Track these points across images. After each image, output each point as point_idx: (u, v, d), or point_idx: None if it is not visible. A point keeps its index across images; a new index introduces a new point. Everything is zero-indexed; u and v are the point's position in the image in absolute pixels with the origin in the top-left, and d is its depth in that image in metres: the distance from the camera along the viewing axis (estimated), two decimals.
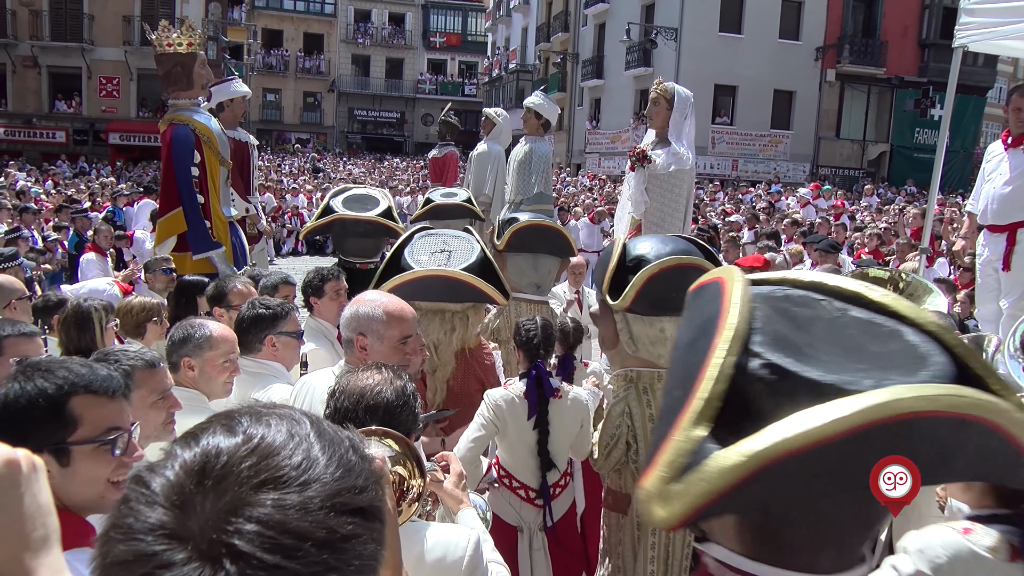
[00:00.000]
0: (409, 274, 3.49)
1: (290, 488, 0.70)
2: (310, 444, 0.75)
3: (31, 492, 0.71)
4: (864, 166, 31.89)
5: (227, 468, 0.70)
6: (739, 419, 0.95)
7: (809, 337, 1.06)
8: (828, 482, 1.05)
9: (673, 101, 9.03)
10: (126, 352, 2.37)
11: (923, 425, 1.01)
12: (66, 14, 31.15)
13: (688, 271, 2.91)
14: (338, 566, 0.69)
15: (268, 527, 0.67)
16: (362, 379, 1.95)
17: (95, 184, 18.73)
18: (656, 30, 29.41)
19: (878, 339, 1.09)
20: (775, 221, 13.83)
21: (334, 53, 50.40)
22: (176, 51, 6.83)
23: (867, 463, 1.08)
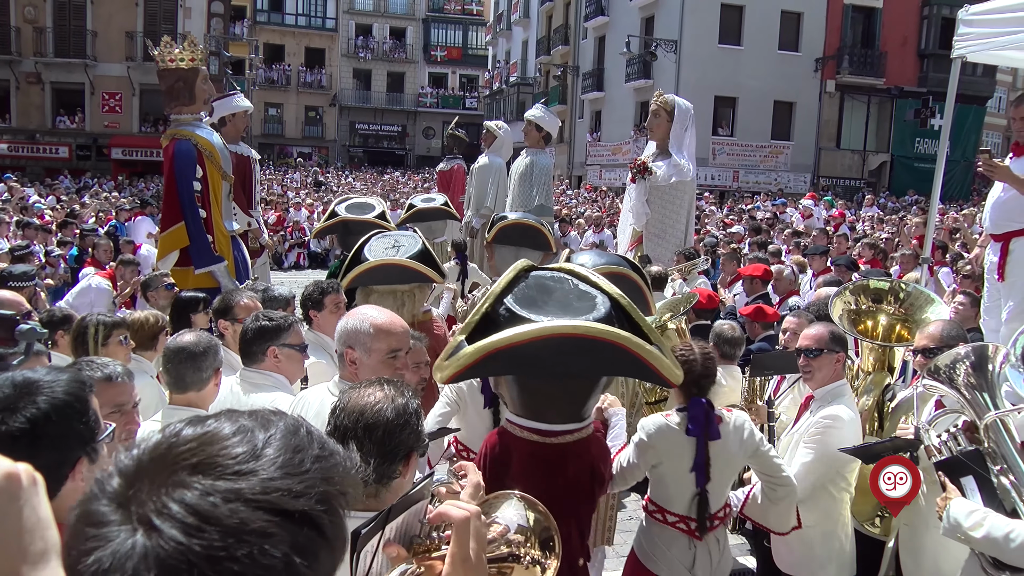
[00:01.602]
0: (366, 264, 4.38)
1: (222, 475, 0.75)
2: (264, 442, 0.79)
3: (31, 505, 0.71)
4: (865, 176, 31.91)
5: (173, 450, 0.78)
6: (489, 333, 2.33)
7: (546, 297, 2.49)
8: (528, 368, 2.39)
9: (673, 113, 9.06)
10: (91, 363, 2.38)
11: (570, 341, 2.27)
12: (69, 30, 31.31)
13: (616, 277, 3.51)
14: (237, 557, 0.71)
15: (184, 507, 0.72)
16: (363, 396, 1.93)
17: (99, 199, 18.77)
18: (656, 42, 29.52)
19: (582, 299, 2.51)
20: (776, 232, 13.82)
21: (335, 67, 50.61)
22: (178, 66, 6.86)
23: (546, 360, 2.41)
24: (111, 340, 3.89)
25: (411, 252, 4.54)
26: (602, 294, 2.66)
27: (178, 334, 2.99)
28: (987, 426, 2.98)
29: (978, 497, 2.89)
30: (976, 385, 3.10)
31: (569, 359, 2.48)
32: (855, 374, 4.36)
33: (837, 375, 3.65)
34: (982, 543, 2.77)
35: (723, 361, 4.72)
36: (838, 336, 3.65)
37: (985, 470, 2.91)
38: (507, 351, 2.41)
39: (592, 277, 2.77)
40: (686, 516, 3.19)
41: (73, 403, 1.62)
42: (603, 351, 2.46)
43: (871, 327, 4.35)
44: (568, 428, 2.71)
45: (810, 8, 29.94)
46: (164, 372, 2.93)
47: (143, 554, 0.70)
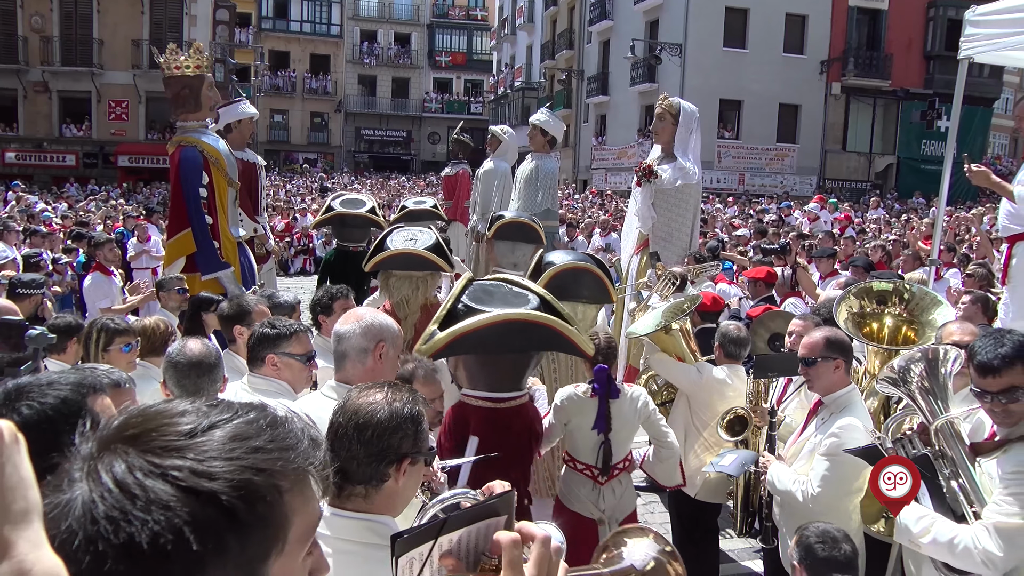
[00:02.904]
0: (388, 251, 5.19)
1: (153, 449, 0.81)
2: (210, 425, 0.84)
3: (12, 463, 0.71)
4: (871, 178, 31.84)
5: (126, 422, 0.85)
6: (452, 323, 3.38)
7: (489, 297, 3.59)
8: (485, 347, 3.41)
9: (679, 116, 9.05)
10: (95, 370, 2.38)
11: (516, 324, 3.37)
12: (76, 39, 31.49)
13: (581, 272, 4.78)
14: (131, 519, 0.76)
15: (110, 472, 0.79)
16: (364, 396, 1.96)
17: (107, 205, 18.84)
18: (660, 46, 29.54)
19: (518, 297, 3.64)
20: (783, 235, 13.79)
21: (341, 73, 50.77)
22: (184, 74, 6.89)
23: (499, 342, 3.42)
24: (112, 347, 3.90)
25: (427, 244, 5.33)
26: (532, 293, 3.73)
27: (180, 344, 2.97)
28: (937, 430, 2.98)
29: (929, 502, 2.90)
30: (928, 388, 3.10)
31: (514, 338, 3.49)
32: (861, 377, 4.35)
33: (841, 381, 3.59)
34: (930, 549, 2.80)
35: (728, 361, 4.71)
36: (834, 342, 3.58)
37: (934, 475, 2.91)
38: (471, 334, 3.39)
39: (522, 282, 3.93)
40: (591, 465, 3.97)
41: (60, 407, 1.61)
42: (537, 331, 3.52)
43: (876, 330, 4.34)
44: (512, 395, 3.64)
45: (815, 11, 29.91)
46: (176, 386, 2.88)
47: (67, 504, 0.77)
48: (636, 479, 6.69)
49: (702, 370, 4.68)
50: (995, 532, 2.64)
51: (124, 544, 0.75)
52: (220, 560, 0.78)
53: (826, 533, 2.76)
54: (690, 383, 4.71)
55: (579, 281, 4.82)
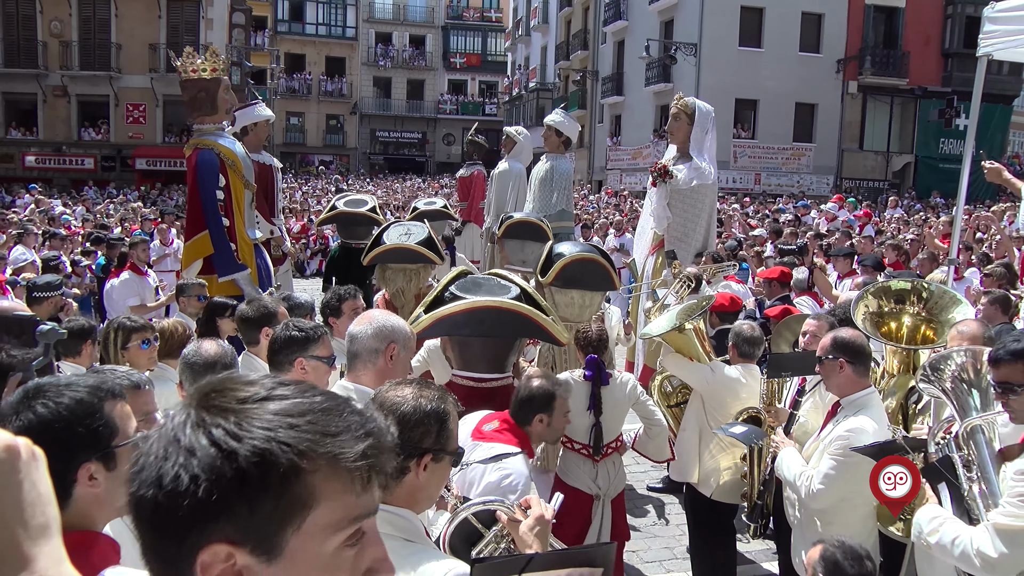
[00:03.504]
0: (384, 246, 5.69)
1: (216, 407, 0.90)
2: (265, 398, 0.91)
3: (31, 479, 0.72)
4: (889, 178, 31.59)
5: (210, 383, 0.95)
6: (437, 307, 3.93)
7: (477, 287, 4.11)
8: (462, 329, 3.93)
9: (694, 116, 9.01)
10: (115, 371, 2.40)
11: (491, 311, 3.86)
12: (94, 44, 31.79)
13: (588, 263, 5.12)
14: (167, 455, 0.86)
15: (180, 420, 0.89)
16: (394, 391, 2.01)
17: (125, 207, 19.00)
18: (675, 46, 29.45)
19: (502, 288, 4.13)
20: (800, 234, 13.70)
21: (356, 76, 50.95)
22: (200, 77, 6.93)
23: (479, 325, 3.89)
24: (131, 344, 3.92)
25: (419, 239, 5.82)
26: (515, 285, 4.24)
27: (195, 345, 2.97)
28: (967, 432, 2.94)
29: (949, 504, 2.87)
30: (965, 390, 3.06)
31: (488, 323, 3.95)
32: (879, 376, 4.31)
33: (854, 383, 3.56)
34: (935, 549, 2.79)
35: (743, 360, 4.68)
36: (840, 342, 3.55)
37: (956, 477, 2.89)
38: (449, 318, 3.93)
39: (510, 276, 4.47)
40: (586, 444, 4.23)
41: (75, 408, 1.64)
42: (511, 317, 3.98)
43: (895, 329, 4.30)
44: (493, 376, 4.07)
45: (831, 9, 29.72)
46: (191, 386, 2.90)
47: (148, 438, 0.89)
48: (653, 480, 6.68)
49: (716, 369, 4.67)
50: (995, 533, 2.60)
51: (157, 477, 0.84)
52: (226, 515, 0.83)
53: (852, 551, 2.72)
54: (704, 383, 4.69)
55: (586, 270, 5.18)
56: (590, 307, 5.25)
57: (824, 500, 3.51)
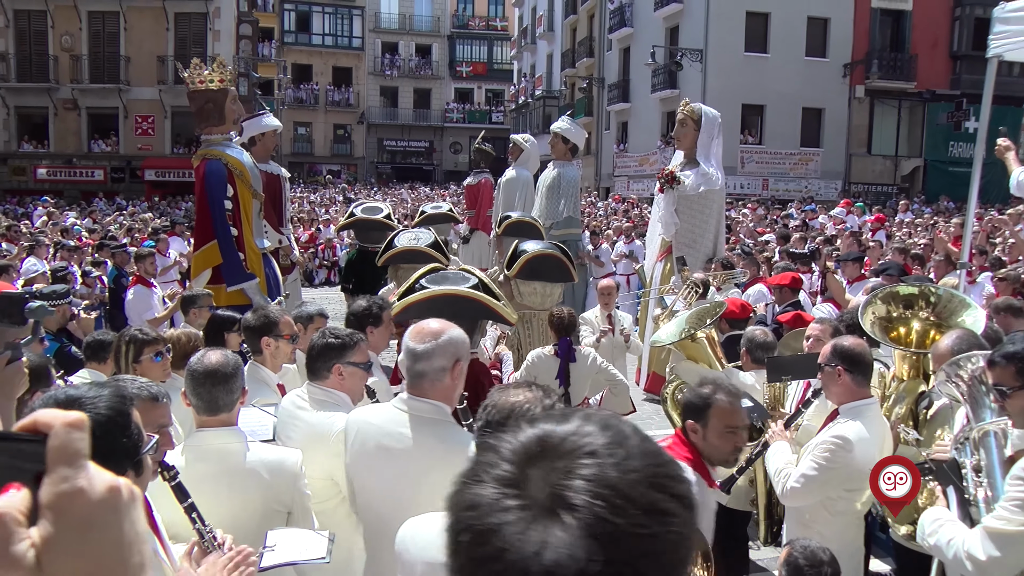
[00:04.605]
0: (396, 249, 6.82)
1: (610, 460, 0.81)
2: (626, 433, 0.85)
3: (130, 519, 0.72)
4: (897, 182, 31.47)
5: (558, 441, 0.84)
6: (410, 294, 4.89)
7: (444, 280, 5.02)
8: (429, 314, 3.16)
9: (700, 122, 9.02)
10: (135, 381, 2.39)
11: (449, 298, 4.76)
12: (104, 57, 32.02)
13: (548, 258, 6.24)
14: (656, 534, 0.78)
15: (598, 485, 0.78)
16: (512, 395, 2.03)
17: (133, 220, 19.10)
18: (681, 52, 29.44)
19: (460, 279, 5.04)
20: (809, 240, 13.65)
21: (363, 85, 51.14)
22: (208, 87, 6.97)
23: (438, 309, 4.28)
24: (143, 357, 3.92)
25: (427, 242, 6.95)
26: (475, 278, 5.05)
27: (200, 354, 2.96)
28: (979, 436, 2.93)
29: (955, 508, 2.86)
30: (982, 392, 3.04)
31: (449, 308, 4.45)
32: (889, 381, 4.28)
33: (851, 391, 3.51)
34: (934, 550, 2.79)
35: (756, 366, 4.65)
36: (841, 351, 3.52)
37: (961, 480, 2.88)
38: (416, 304, 4.74)
39: (472, 270, 5.36)
40: None
41: (116, 418, 1.65)
42: (467, 303, 4.78)
43: (904, 334, 4.27)
44: None
45: (837, 13, 29.67)
46: (193, 395, 2.86)
47: (574, 534, 0.75)
48: None
49: (731, 376, 4.64)
50: (985, 536, 2.58)
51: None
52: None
53: (814, 555, 2.73)
54: None
55: (545, 264, 6.24)
56: (551, 296, 6.32)
57: (798, 499, 3.50)
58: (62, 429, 0.70)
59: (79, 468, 0.70)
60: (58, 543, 0.67)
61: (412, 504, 2.49)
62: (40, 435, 0.70)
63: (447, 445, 2.60)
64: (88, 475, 0.70)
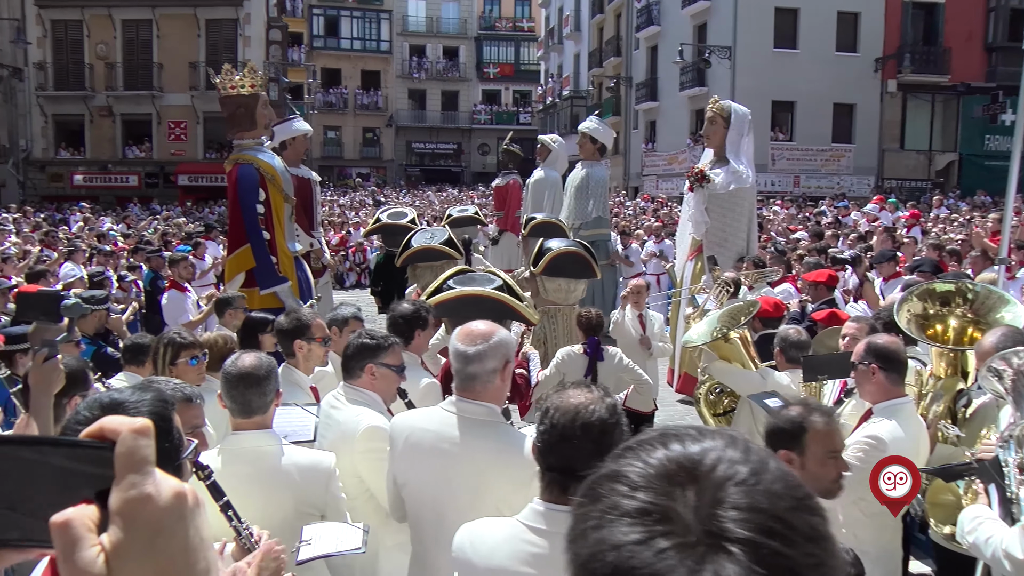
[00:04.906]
0: (412, 248, 7.19)
1: (759, 486, 0.74)
2: (764, 454, 0.79)
3: (195, 525, 0.73)
4: (932, 177, 30.95)
5: (701, 465, 0.76)
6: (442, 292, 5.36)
7: (470, 281, 5.43)
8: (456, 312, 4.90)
9: (730, 119, 8.94)
10: (169, 382, 2.43)
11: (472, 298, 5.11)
12: (137, 64, 32.56)
13: (572, 255, 6.51)
14: (824, 562, 0.72)
15: (758, 514, 0.71)
16: (574, 397, 2.00)
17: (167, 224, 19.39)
18: (709, 49, 29.23)
19: (485, 280, 5.48)
20: (843, 237, 13.48)
21: (391, 88, 51.42)
22: (239, 93, 7.04)
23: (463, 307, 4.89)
24: (179, 360, 3.98)
25: (440, 240, 7.37)
26: (499, 279, 5.45)
27: (235, 357, 3.00)
28: (1021, 434, 2.86)
29: (996, 506, 2.81)
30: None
31: (472, 307, 4.79)
32: (926, 379, 4.22)
33: (885, 390, 3.46)
34: (972, 548, 2.73)
35: (790, 366, 4.61)
36: (875, 349, 3.46)
37: (1003, 478, 2.82)
38: (444, 303, 5.02)
39: (496, 271, 6.05)
40: None
41: (158, 423, 1.66)
42: (491, 302, 5.10)
43: (941, 331, 4.20)
44: None
45: (867, 7, 29.27)
46: (228, 398, 2.90)
47: (746, 569, 0.69)
48: None
49: (766, 376, 4.60)
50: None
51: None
52: None
53: None
54: (755, 390, 4.63)
55: (569, 261, 6.52)
56: (575, 292, 6.62)
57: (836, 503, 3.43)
58: (129, 436, 0.71)
59: (147, 475, 0.71)
60: (127, 550, 0.68)
61: (468, 506, 2.51)
62: (107, 442, 0.71)
63: (502, 446, 2.61)
64: (155, 481, 0.71)
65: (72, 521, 0.67)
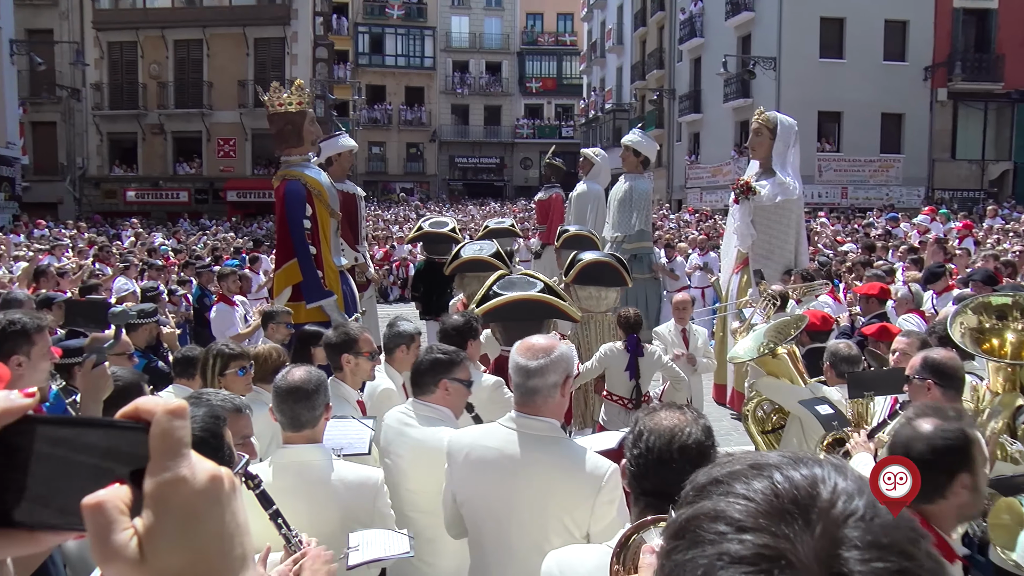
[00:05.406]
0: (463, 259, 7.62)
1: (877, 521, 0.69)
2: (859, 484, 0.74)
3: (231, 510, 0.71)
4: (985, 186, 30.18)
5: (816, 502, 0.70)
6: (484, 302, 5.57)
7: (512, 285, 5.76)
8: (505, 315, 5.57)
9: (776, 130, 8.84)
10: (219, 394, 2.47)
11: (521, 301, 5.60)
12: (188, 83, 33.43)
13: (601, 264, 7.05)
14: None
15: (884, 552, 0.67)
16: (667, 419, 1.97)
17: (217, 239, 19.78)
18: (754, 60, 28.97)
19: (527, 284, 5.83)
20: (892, 249, 13.20)
21: (434, 104, 51.89)
22: (287, 110, 7.16)
23: (512, 311, 5.52)
24: (228, 371, 4.04)
25: (490, 252, 7.73)
26: (540, 282, 5.82)
27: (285, 371, 3.03)
28: None
29: None
30: None
31: (520, 309, 5.41)
32: (982, 395, 4.10)
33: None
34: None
35: (840, 381, 4.51)
36: (932, 363, 3.37)
37: None
38: (494, 309, 5.41)
39: (535, 274, 6.31)
40: (623, 397, 5.92)
41: (209, 439, 1.68)
42: (536, 304, 5.53)
43: (997, 346, 4.07)
44: None
45: (916, 15, 28.75)
46: (278, 411, 2.93)
47: None
48: None
49: (816, 392, 4.51)
50: None
51: None
52: None
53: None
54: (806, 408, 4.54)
55: (599, 270, 7.00)
56: (606, 299, 7.02)
57: None
58: (164, 417, 0.68)
59: (182, 457, 0.68)
60: (161, 533, 0.66)
61: (530, 522, 2.51)
62: (142, 423, 0.69)
63: (565, 461, 2.60)
64: (191, 464, 0.69)
65: (105, 503, 0.66)
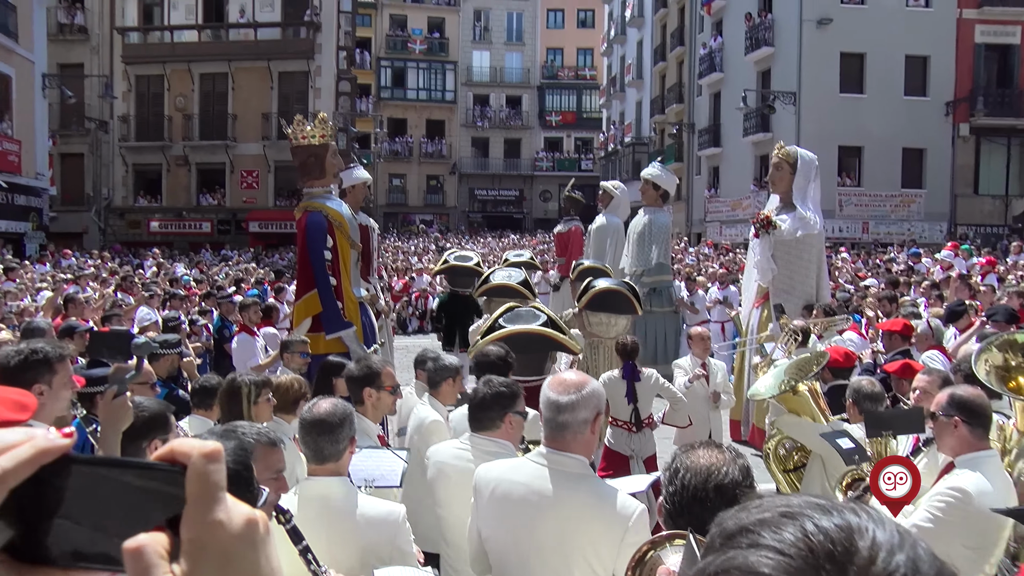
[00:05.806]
0: (492, 283, 8.28)
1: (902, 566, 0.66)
2: (906, 535, 0.71)
3: (266, 554, 0.71)
4: (1009, 222, 29.89)
5: (855, 558, 0.66)
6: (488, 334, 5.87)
7: (517, 318, 6.09)
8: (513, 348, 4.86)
9: (796, 165, 8.83)
10: (253, 427, 2.46)
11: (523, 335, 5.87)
12: (213, 115, 33.96)
13: (612, 292, 7.48)
14: None
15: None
16: (703, 457, 1.96)
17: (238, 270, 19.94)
18: (774, 95, 29.05)
19: (532, 316, 6.15)
20: (914, 285, 13.07)
21: (455, 137, 52.39)
22: (310, 143, 7.25)
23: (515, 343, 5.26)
24: (260, 399, 4.04)
25: (518, 280, 8.21)
26: (544, 315, 6.17)
27: (312, 403, 3.03)
28: None
29: None
30: None
31: (523, 342, 5.56)
32: (1009, 435, 4.02)
33: (969, 444, 3.28)
34: None
35: (862, 418, 4.45)
36: (959, 401, 3.29)
37: None
38: (499, 341, 5.21)
39: (541, 307, 6.69)
40: (626, 421, 6.09)
41: (241, 472, 1.67)
42: (538, 337, 5.88)
43: (1023, 384, 4.01)
44: (535, 378, 5.30)
45: (937, 51, 28.76)
46: (302, 443, 2.93)
47: None
48: None
49: (836, 428, 4.44)
50: None
51: None
52: None
53: None
54: (826, 444, 4.47)
55: (610, 298, 7.40)
56: (615, 325, 7.38)
57: None
58: (200, 460, 0.69)
59: (218, 502, 0.69)
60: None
61: (556, 560, 2.50)
62: (178, 465, 0.69)
63: (594, 500, 2.58)
64: (227, 508, 0.69)
65: (145, 548, 0.66)
